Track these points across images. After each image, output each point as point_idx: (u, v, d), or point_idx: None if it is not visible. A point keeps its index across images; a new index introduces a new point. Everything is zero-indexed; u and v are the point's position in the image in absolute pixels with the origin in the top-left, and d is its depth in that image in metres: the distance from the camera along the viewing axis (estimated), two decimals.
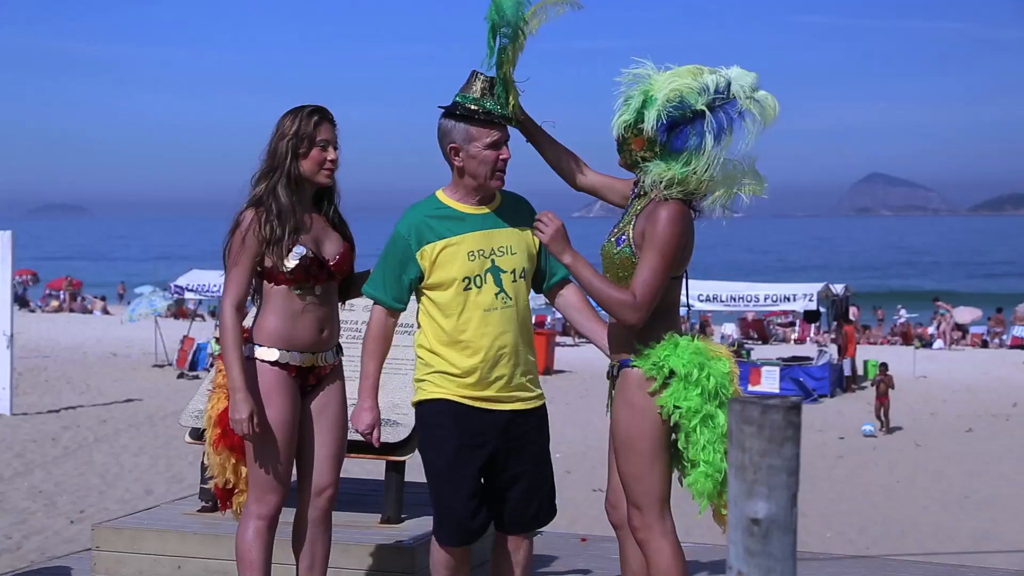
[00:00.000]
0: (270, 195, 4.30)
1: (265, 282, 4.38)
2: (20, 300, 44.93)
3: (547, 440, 4.45)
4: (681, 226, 4.00)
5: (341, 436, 4.57)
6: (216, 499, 4.80)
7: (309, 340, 4.40)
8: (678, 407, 3.95)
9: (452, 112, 4.25)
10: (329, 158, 4.36)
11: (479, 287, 4.23)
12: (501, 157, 4.23)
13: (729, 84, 4.03)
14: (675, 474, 4.18)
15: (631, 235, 4.06)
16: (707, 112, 3.97)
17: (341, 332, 4.63)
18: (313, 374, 4.46)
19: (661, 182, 4.00)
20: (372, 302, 4.38)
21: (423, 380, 4.35)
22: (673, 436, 4.07)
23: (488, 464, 4.31)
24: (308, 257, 4.32)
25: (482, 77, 4.24)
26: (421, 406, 4.35)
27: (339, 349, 4.60)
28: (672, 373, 3.96)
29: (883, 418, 18.29)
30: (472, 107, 4.21)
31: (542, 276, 4.43)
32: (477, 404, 4.27)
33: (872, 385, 19.34)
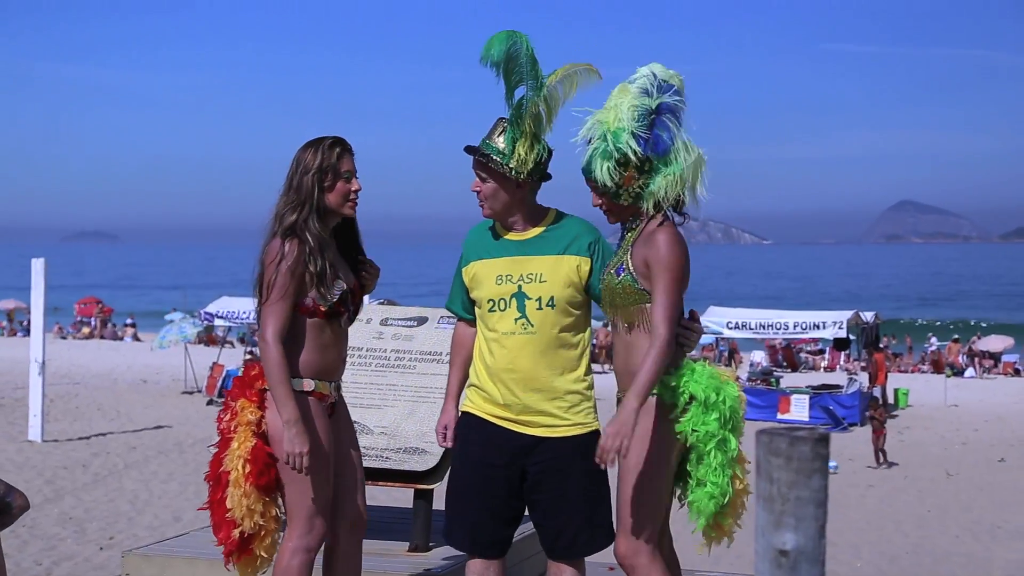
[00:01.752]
0: (303, 229, 4.26)
1: (297, 314, 4.30)
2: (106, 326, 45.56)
3: (585, 470, 4.32)
4: (682, 245, 4.07)
5: (359, 463, 4.57)
6: (229, 550, 4.46)
7: (335, 370, 4.43)
8: (695, 431, 3.98)
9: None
10: (353, 189, 4.37)
11: (502, 311, 4.34)
12: (472, 189, 4.40)
13: (655, 74, 4.12)
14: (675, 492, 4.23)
15: (630, 264, 4.10)
16: (662, 103, 4.06)
17: (371, 359, 4.65)
18: (332, 406, 4.47)
19: (667, 191, 4.05)
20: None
21: (467, 390, 4.53)
22: (681, 459, 4.11)
23: (521, 484, 4.36)
24: (348, 290, 4.34)
25: (502, 122, 4.39)
26: (460, 416, 4.52)
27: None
28: (691, 398, 4.01)
29: (881, 452, 17.74)
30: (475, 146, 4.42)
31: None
32: (501, 423, 4.36)
33: (869, 421, 19.05)
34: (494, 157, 4.33)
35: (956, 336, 40.34)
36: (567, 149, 4.32)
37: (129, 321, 46.80)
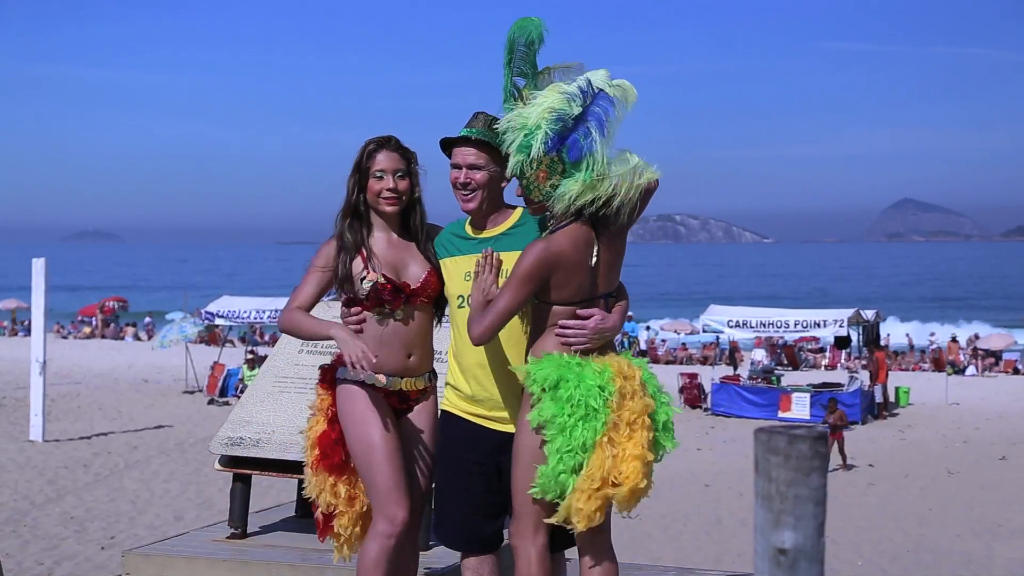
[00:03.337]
0: (341, 229, 4.44)
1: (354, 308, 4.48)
2: (108, 326, 45.59)
3: None
4: (543, 254, 4.08)
5: (431, 460, 4.58)
6: (317, 527, 4.62)
7: (395, 364, 4.44)
8: (540, 417, 4.03)
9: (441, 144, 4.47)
10: (386, 187, 4.41)
11: (471, 306, 4.34)
12: (458, 180, 4.37)
13: (590, 82, 4.14)
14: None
15: None
16: (585, 112, 4.08)
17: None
18: (400, 398, 4.49)
19: (574, 198, 4.06)
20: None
21: (444, 389, 4.55)
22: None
23: (500, 480, 4.37)
24: (381, 284, 4.36)
25: (481, 115, 4.42)
26: (440, 414, 4.55)
27: (432, 374, 4.62)
28: (544, 388, 4.06)
29: (840, 454, 17.46)
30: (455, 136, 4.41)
31: None
32: (476, 420, 4.40)
33: (826, 423, 18.94)
34: (493, 143, 4.33)
35: (954, 335, 40.39)
36: None
37: (147, 320, 46.86)
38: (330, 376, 4.50)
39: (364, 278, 4.35)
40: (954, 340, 38.68)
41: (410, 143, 4.53)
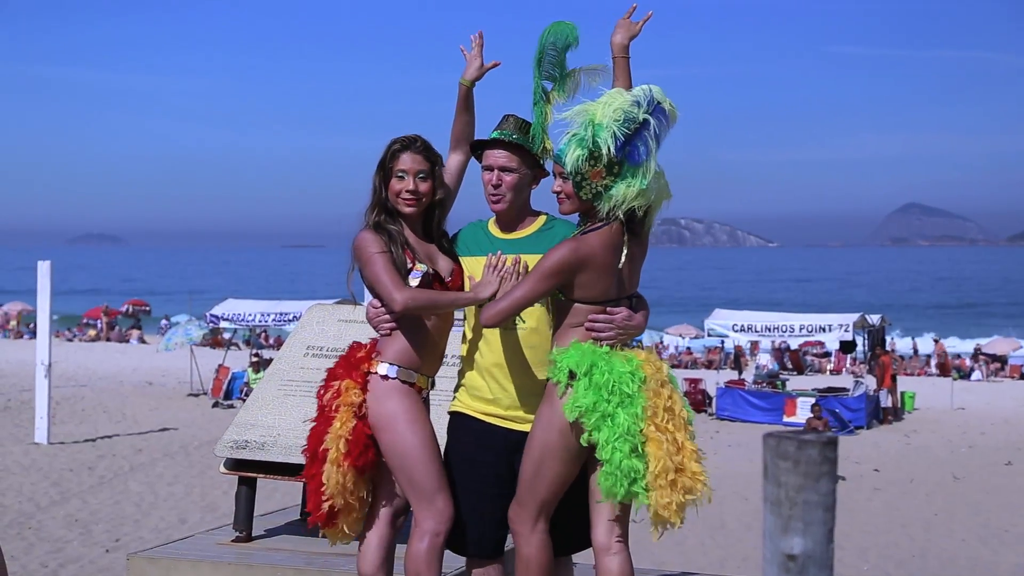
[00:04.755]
0: (377, 224, 4.40)
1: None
2: (113, 328, 45.61)
3: None
4: (568, 255, 4.10)
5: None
6: (313, 519, 4.46)
7: (431, 361, 4.45)
8: (578, 406, 4.02)
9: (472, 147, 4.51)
10: (406, 188, 4.40)
11: None
12: (490, 182, 4.37)
13: (651, 92, 4.17)
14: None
15: None
16: (649, 120, 4.10)
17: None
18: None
19: (625, 202, 4.08)
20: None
21: (455, 392, 4.53)
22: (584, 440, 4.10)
23: (511, 481, 4.34)
24: (429, 275, 4.36)
25: (511, 117, 4.44)
26: (449, 417, 4.53)
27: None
28: (572, 375, 4.06)
29: None
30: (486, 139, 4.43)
31: None
32: (488, 419, 4.38)
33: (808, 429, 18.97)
34: (525, 146, 4.37)
35: (935, 336, 40.50)
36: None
37: (163, 323, 46.90)
38: (363, 370, 4.39)
39: (411, 270, 4.34)
40: (936, 340, 38.77)
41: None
